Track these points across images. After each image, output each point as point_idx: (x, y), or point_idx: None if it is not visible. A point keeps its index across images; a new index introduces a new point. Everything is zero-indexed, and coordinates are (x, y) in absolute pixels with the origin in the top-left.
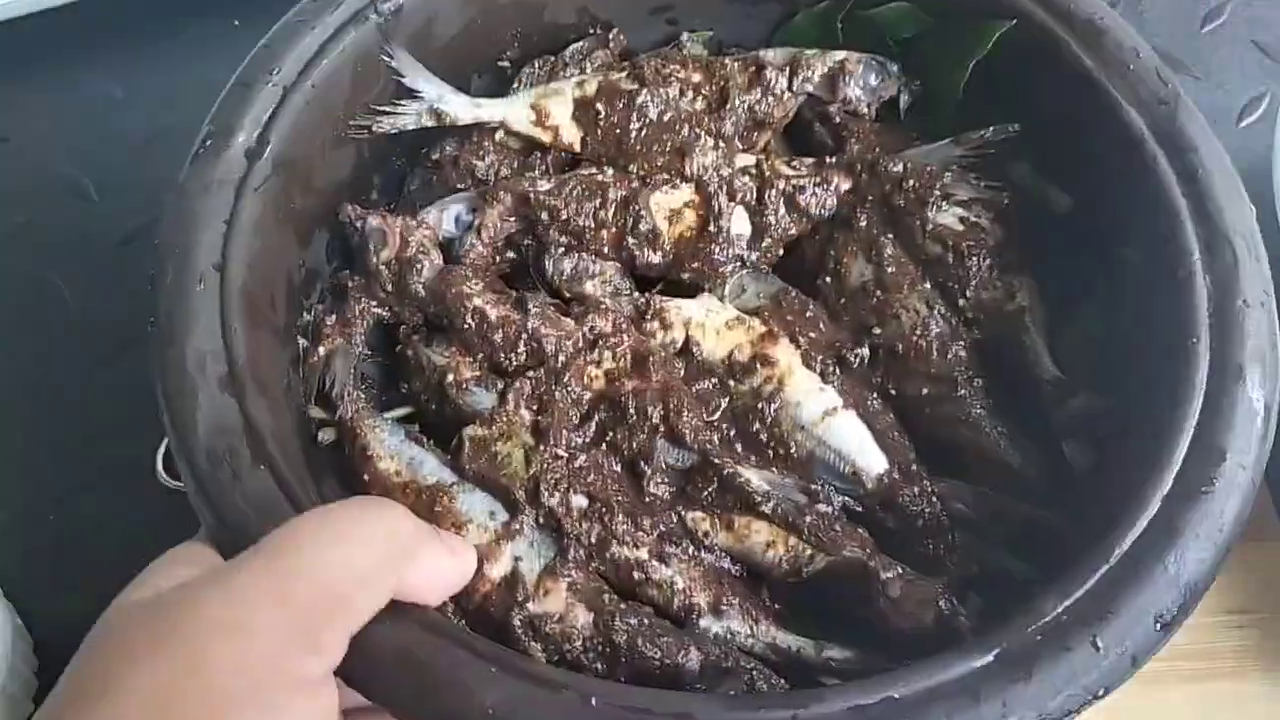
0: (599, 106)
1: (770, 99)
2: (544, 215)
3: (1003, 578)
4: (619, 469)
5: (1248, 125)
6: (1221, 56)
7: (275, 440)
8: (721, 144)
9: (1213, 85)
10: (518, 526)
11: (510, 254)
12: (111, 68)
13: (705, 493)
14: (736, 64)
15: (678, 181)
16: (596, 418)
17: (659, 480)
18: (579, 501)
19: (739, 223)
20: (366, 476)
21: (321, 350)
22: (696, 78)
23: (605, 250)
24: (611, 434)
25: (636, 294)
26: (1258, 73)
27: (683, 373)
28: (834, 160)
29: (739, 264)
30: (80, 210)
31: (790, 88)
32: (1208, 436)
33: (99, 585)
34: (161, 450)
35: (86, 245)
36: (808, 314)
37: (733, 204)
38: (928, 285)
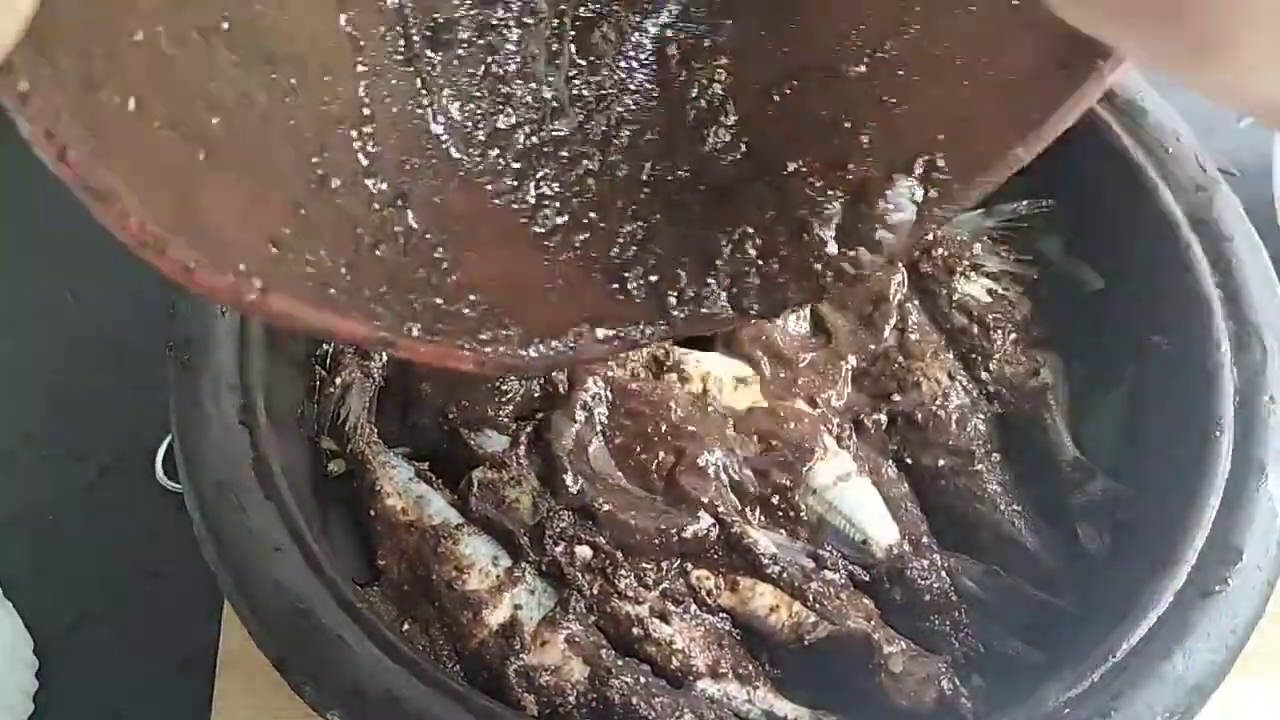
0: None
1: None
2: None
3: (1008, 660)
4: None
5: (1248, 125)
6: None
7: (284, 473)
8: None
9: None
10: (520, 574)
11: None
12: None
13: (712, 551)
14: None
15: None
16: (617, 440)
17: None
18: (583, 552)
19: None
20: (373, 511)
21: (338, 382)
22: None
23: None
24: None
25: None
26: None
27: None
28: None
29: None
30: (79, 210)
31: None
32: (1225, 534)
33: (99, 586)
34: (161, 451)
35: (85, 244)
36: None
37: None
38: (951, 355)
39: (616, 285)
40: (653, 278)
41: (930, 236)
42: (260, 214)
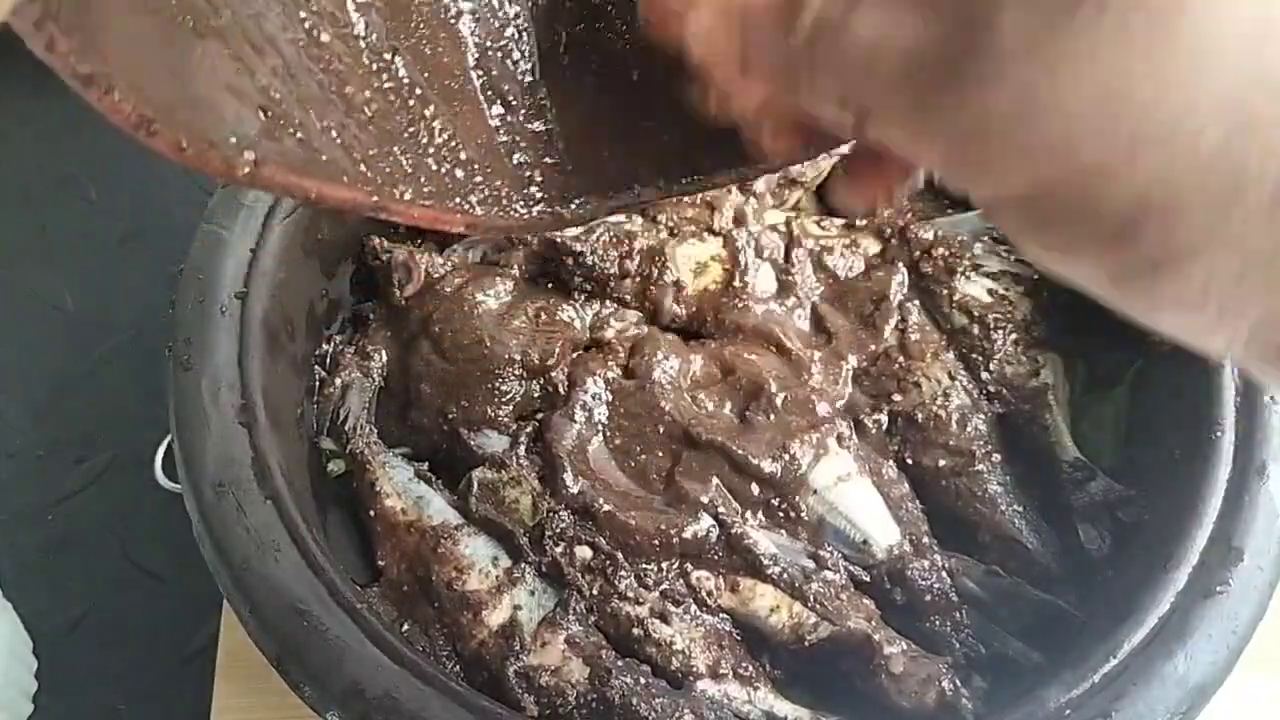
0: None
1: None
2: (569, 260)
3: (1009, 661)
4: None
5: None
6: None
7: (283, 473)
8: (753, 200)
9: None
10: (519, 574)
11: None
12: None
13: (712, 552)
14: None
15: (706, 235)
16: (617, 440)
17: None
18: (583, 552)
19: (764, 279)
20: (373, 512)
21: (338, 382)
22: None
23: (628, 298)
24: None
25: None
26: None
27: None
28: (864, 223)
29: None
30: (78, 209)
31: None
32: (1226, 535)
33: (99, 585)
34: (161, 451)
35: (86, 244)
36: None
37: (760, 260)
38: (951, 355)
39: (606, 153)
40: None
41: (930, 236)
42: (250, 80)
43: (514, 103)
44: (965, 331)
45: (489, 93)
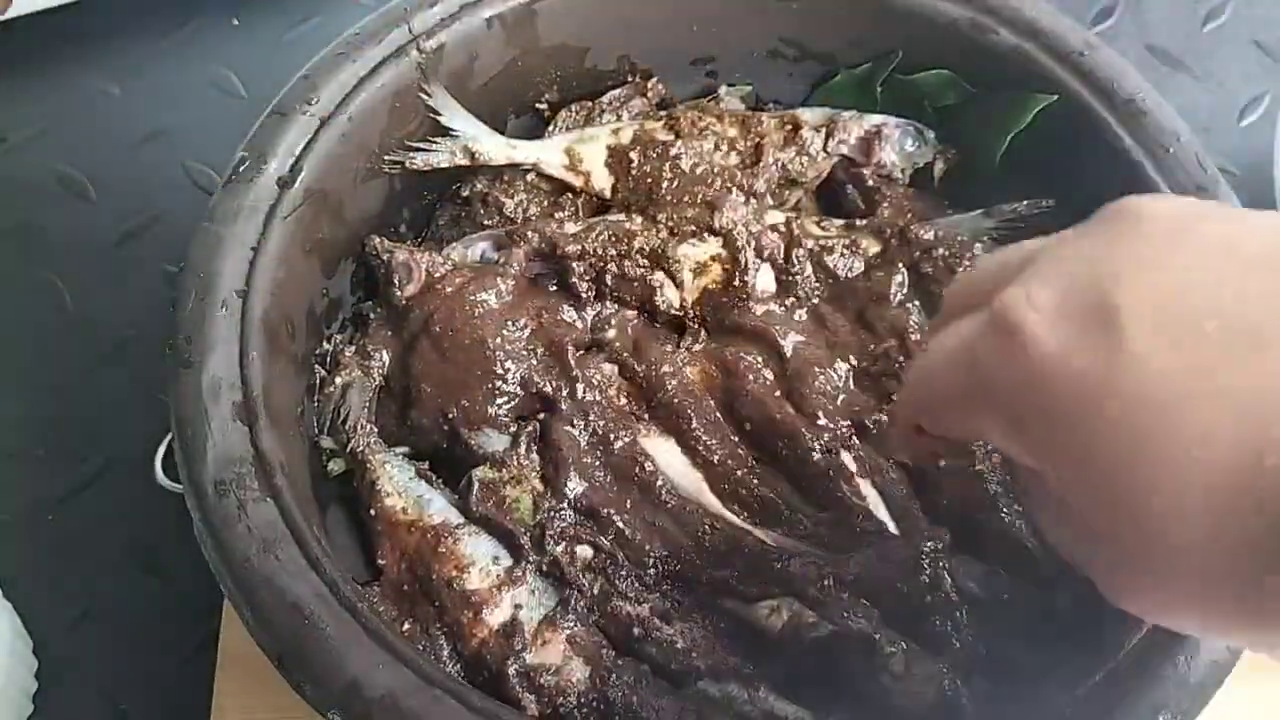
0: (632, 155)
1: (804, 158)
2: (569, 260)
3: (1009, 661)
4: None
5: (1248, 124)
6: (1222, 56)
7: (284, 471)
8: (753, 200)
9: (1213, 85)
10: (520, 573)
11: None
12: (110, 67)
13: None
14: (773, 121)
15: (706, 235)
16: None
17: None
18: (584, 552)
19: (764, 279)
20: (373, 511)
21: (338, 381)
22: (732, 132)
23: (628, 299)
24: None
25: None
26: (1258, 72)
27: None
28: (864, 223)
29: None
30: (78, 209)
31: (825, 148)
32: None
33: (99, 585)
34: (161, 451)
35: (85, 244)
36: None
37: (760, 260)
38: None
39: None
40: None
41: (930, 236)
42: None
43: None
44: None
45: None
